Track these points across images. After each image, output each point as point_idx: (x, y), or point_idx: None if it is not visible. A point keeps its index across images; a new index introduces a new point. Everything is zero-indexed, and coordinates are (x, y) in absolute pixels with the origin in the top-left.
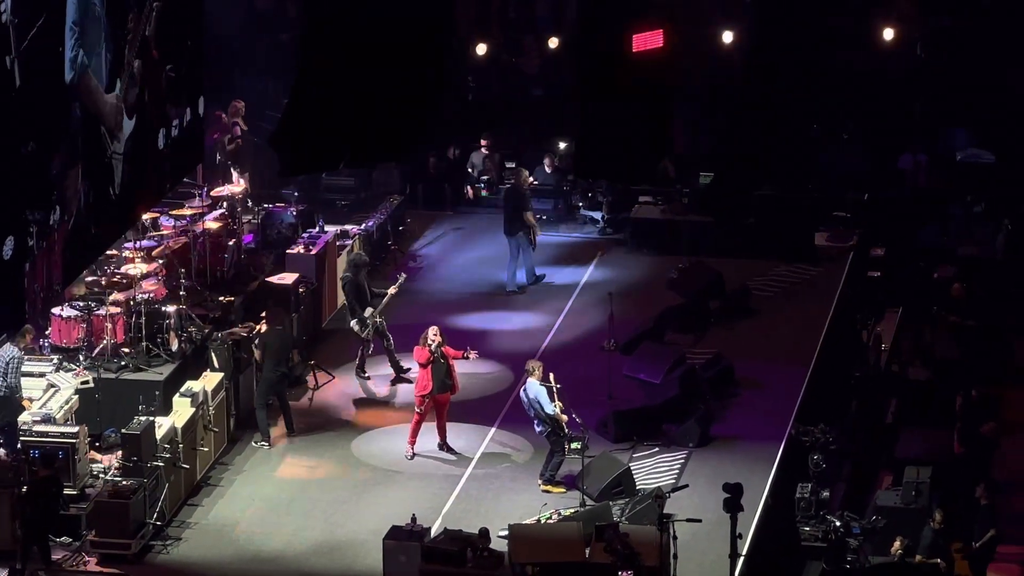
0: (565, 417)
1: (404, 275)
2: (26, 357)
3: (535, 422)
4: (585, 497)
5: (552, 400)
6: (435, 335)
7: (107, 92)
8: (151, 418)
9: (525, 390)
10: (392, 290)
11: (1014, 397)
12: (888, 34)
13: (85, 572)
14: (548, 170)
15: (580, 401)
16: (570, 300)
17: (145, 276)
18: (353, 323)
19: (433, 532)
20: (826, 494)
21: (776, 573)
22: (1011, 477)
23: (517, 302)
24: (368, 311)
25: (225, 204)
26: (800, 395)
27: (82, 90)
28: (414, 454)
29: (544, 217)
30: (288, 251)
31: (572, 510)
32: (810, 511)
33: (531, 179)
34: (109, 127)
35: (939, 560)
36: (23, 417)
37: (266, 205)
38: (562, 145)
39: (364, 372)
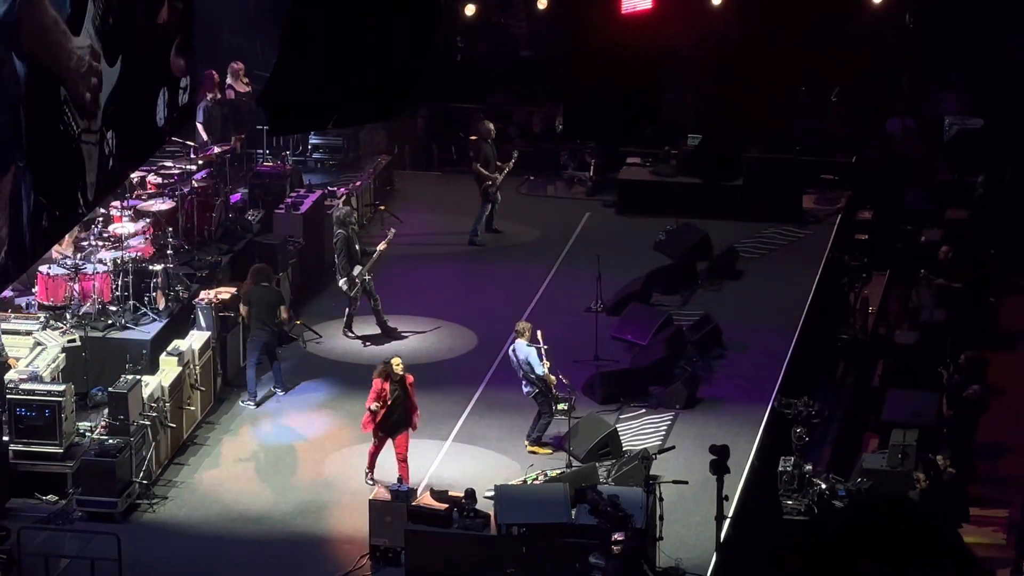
0: (554, 378)
1: (393, 231)
2: (12, 316)
3: (523, 383)
4: (571, 458)
5: (541, 360)
6: (399, 366)
7: (74, 35)
8: (138, 377)
9: (514, 351)
10: (382, 246)
11: (999, 360)
12: None
13: (72, 531)
14: (536, 130)
15: (567, 362)
16: (557, 261)
17: (132, 235)
18: (342, 282)
19: (419, 493)
20: (809, 467)
21: (758, 547)
22: (996, 440)
23: (504, 262)
24: (357, 269)
25: (213, 163)
26: (787, 358)
27: (26, 33)
28: (375, 480)
29: (532, 177)
30: (276, 210)
31: (558, 471)
32: (793, 484)
33: (493, 131)
34: (75, 92)
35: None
36: (9, 375)
37: (254, 164)
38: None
39: (351, 331)
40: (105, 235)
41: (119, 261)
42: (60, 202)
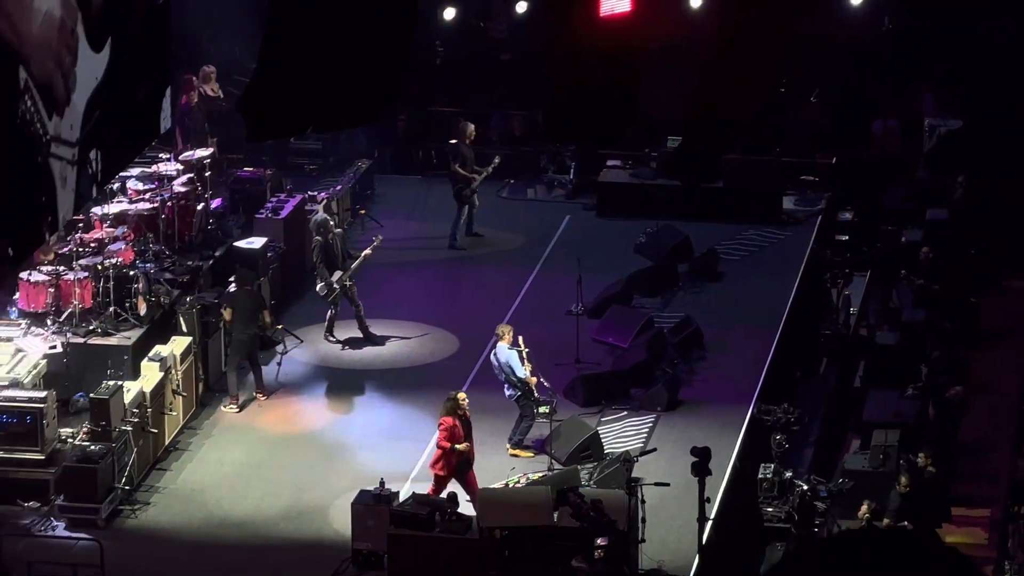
0: (535, 380)
1: (380, 238)
2: None
3: (505, 386)
4: (553, 461)
5: (523, 364)
6: (466, 401)
7: None
8: (119, 383)
9: (495, 354)
10: (367, 251)
11: (981, 360)
12: None
13: (54, 537)
14: (517, 133)
15: (548, 365)
16: (538, 264)
17: (113, 240)
18: (319, 287)
19: (401, 497)
20: (789, 474)
21: (738, 554)
22: (977, 439)
23: (485, 266)
24: (337, 275)
25: (194, 168)
26: (768, 359)
27: None
28: None
29: (512, 181)
30: (256, 215)
31: (540, 474)
32: (773, 491)
33: (473, 133)
34: (40, 76)
35: (906, 523)
36: None
37: (235, 170)
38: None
39: (333, 336)
40: (86, 241)
41: (100, 267)
42: (13, 236)
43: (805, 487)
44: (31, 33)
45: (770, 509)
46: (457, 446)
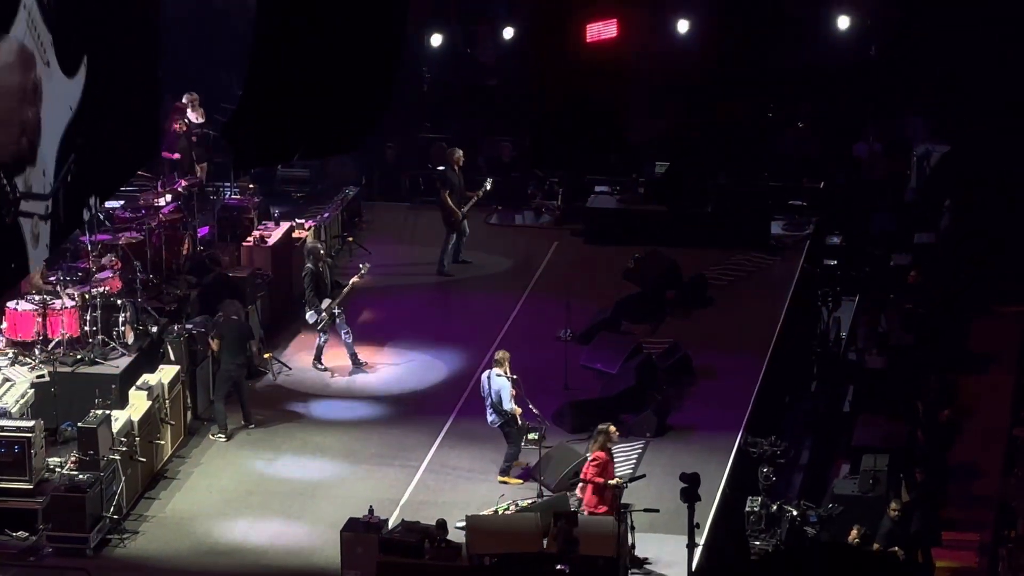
0: (519, 410)
1: (367, 266)
2: None
3: (489, 411)
4: (542, 488)
5: (510, 399)
6: (617, 434)
7: None
8: (107, 411)
9: (488, 378)
10: (355, 279)
11: (969, 383)
12: (843, 23)
13: (43, 567)
14: (506, 159)
15: (537, 391)
16: (526, 290)
17: (100, 269)
18: (309, 315)
19: (390, 524)
20: (776, 507)
21: None
22: (967, 462)
23: (473, 292)
24: (325, 303)
25: (181, 196)
26: (757, 384)
27: None
28: None
29: (500, 207)
30: (244, 243)
31: (530, 501)
32: (760, 524)
33: (461, 158)
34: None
35: (896, 548)
36: None
37: (222, 197)
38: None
39: (321, 363)
40: (73, 269)
41: (87, 296)
42: None
43: (795, 512)
44: None
45: (757, 543)
46: (611, 481)
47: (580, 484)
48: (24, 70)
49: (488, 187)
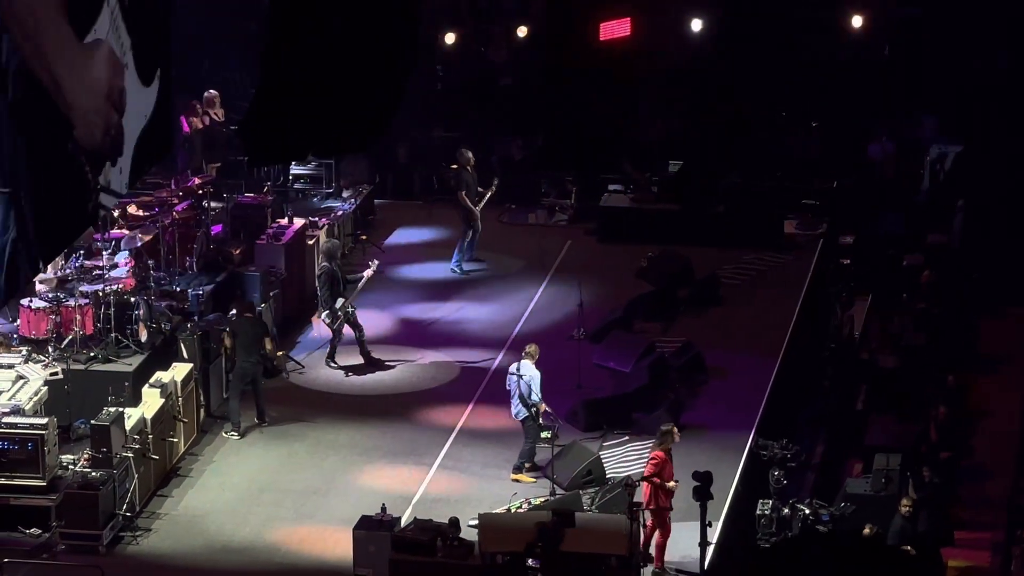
0: (544, 406)
1: (376, 262)
2: None
3: (514, 403)
4: (555, 486)
5: (539, 391)
6: (678, 435)
7: (81, 39)
8: (120, 409)
9: (518, 369)
10: (367, 273)
11: (981, 384)
12: (856, 22)
13: (56, 564)
14: (516, 158)
15: (550, 390)
16: (539, 289)
17: (113, 267)
18: (324, 315)
19: (403, 522)
20: (787, 511)
21: None
22: (979, 463)
23: (486, 291)
24: (340, 302)
25: (194, 194)
26: (770, 383)
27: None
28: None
29: (513, 206)
30: (257, 241)
31: (542, 499)
32: (771, 528)
33: (472, 158)
34: (84, 129)
35: (908, 547)
36: None
37: (235, 195)
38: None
39: (334, 362)
40: (87, 267)
41: (101, 294)
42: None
43: (807, 511)
44: (79, 91)
45: (767, 546)
46: (669, 484)
47: (640, 480)
48: (114, 74)
49: (496, 185)
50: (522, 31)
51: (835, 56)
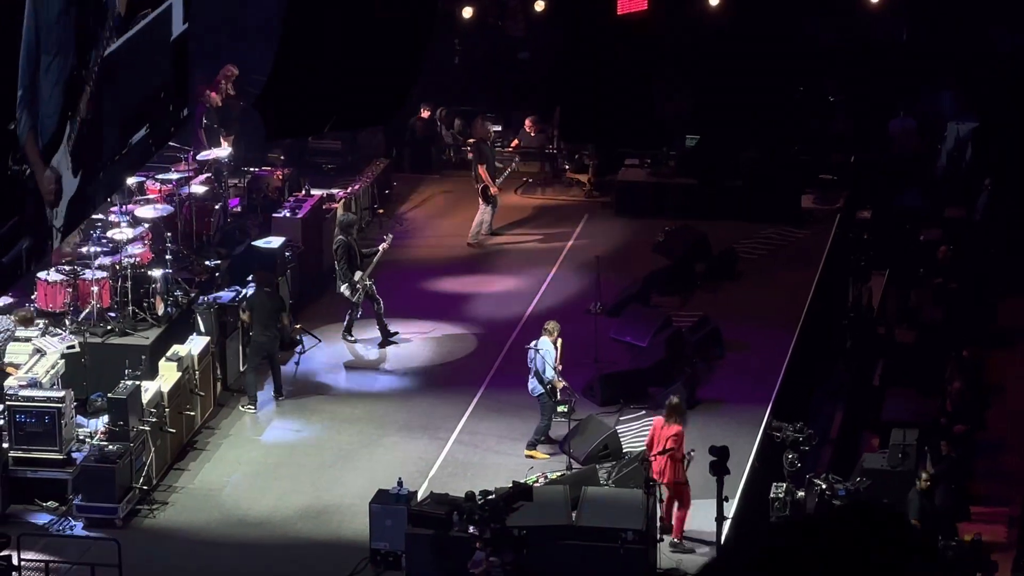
0: (562, 384)
1: (391, 235)
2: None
3: (531, 380)
4: (571, 460)
5: (552, 368)
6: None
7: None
8: (137, 382)
9: (536, 345)
10: (384, 246)
11: (998, 359)
12: None
13: (73, 536)
14: (531, 133)
15: (567, 364)
16: (556, 263)
17: (131, 240)
18: (343, 288)
19: (419, 496)
20: (801, 494)
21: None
22: (996, 438)
23: (503, 265)
24: (358, 275)
25: (211, 168)
26: (787, 358)
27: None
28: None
29: (529, 180)
30: (274, 215)
31: (559, 473)
32: (785, 511)
33: (492, 130)
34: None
35: (915, 521)
36: (8, 382)
37: (252, 169)
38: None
39: (351, 335)
40: (104, 241)
41: (118, 267)
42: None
43: (823, 486)
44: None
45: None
46: (688, 453)
47: (658, 454)
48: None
49: (517, 161)
50: (539, 5)
51: (853, 30)
